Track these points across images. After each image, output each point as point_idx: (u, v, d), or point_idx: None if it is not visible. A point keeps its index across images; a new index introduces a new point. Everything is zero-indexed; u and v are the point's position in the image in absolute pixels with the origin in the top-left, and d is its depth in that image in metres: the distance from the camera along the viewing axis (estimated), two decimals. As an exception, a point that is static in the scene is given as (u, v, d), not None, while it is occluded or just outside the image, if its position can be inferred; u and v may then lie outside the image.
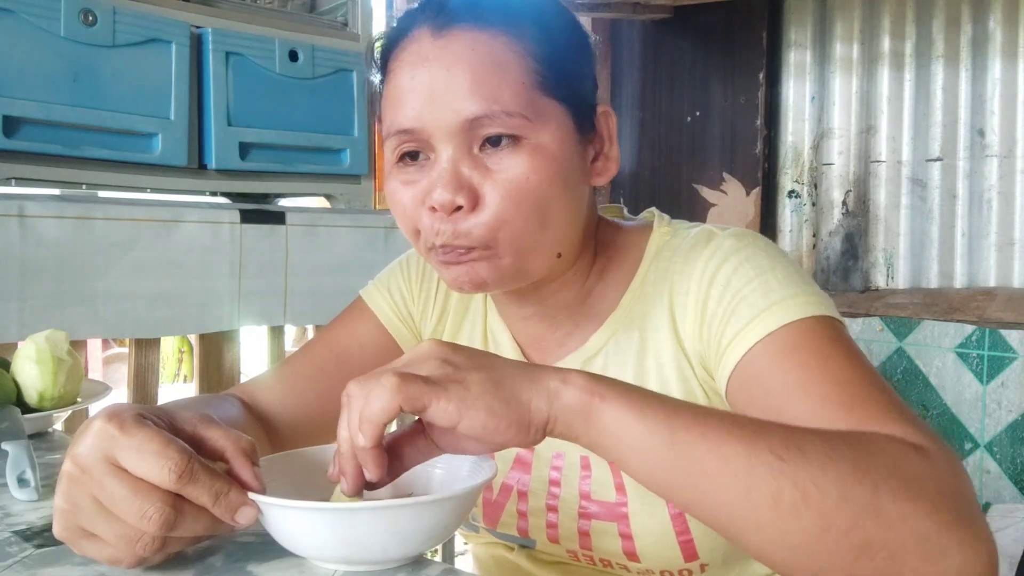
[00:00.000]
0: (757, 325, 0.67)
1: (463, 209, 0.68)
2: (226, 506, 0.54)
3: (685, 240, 0.77)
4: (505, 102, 0.67)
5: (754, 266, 0.71)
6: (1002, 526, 1.83)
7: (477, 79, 0.66)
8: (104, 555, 0.54)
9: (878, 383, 0.63)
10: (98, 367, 4.48)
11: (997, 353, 1.98)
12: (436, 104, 0.67)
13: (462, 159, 0.68)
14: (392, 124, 0.71)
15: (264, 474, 0.58)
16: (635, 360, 0.77)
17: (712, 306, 0.71)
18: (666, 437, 0.52)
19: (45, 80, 1.35)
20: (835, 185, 2.32)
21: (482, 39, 0.68)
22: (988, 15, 2.10)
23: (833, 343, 0.65)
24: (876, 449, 0.53)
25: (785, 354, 0.65)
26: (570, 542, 0.79)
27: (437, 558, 2.21)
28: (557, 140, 0.69)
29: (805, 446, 0.52)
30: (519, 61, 0.68)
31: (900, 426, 0.57)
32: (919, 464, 0.53)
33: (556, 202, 0.70)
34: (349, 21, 1.80)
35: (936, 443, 0.56)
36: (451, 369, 0.53)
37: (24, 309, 1.32)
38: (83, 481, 0.53)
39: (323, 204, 1.89)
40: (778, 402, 0.63)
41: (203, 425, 0.58)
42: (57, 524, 0.55)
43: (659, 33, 2.50)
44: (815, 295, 0.69)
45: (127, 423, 0.53)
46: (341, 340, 0.91)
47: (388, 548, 0.55)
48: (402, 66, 0.70)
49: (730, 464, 0.51)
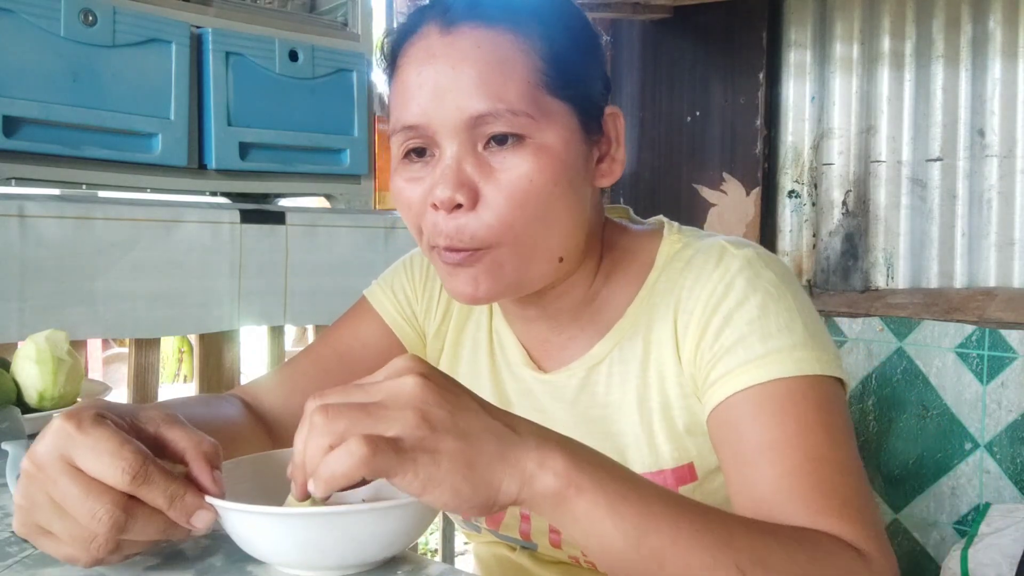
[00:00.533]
0: (749, 371, 0.67)
1: (463, 207, 0.67)
2: (181, 509, 0.53)
3: (697, 253, 0.76)
4: (510, 100, 0.66)
5: (759, 304, 0.69)
6: (1002, 526, 1.83)
7: (482, 77, 0.66)
8: (60, 553, 0.54)
9: (848, 468, 0.64)
10: (98, 367, 4.48)
11: (997, 353, 1.98)
12: (441, 101, 0.67)
13: (465, 157, 0.68)
14: (398, 120, 0.71)
15: (231, 477, 0.58)
16: (639, 370, 0.76)
17: (710, 337, 0.70)
18: (634, 536, 0.52)
19: (45, 80, 1.35)
20: (835, 185, 2.32)
21: (488, 37, 0.67)
22: (988, 15, 2.10)
23: (819, 411, 0.65)
24: (826, 561, 0.56)
25: (768, 410, 0.65)
26: (573, 548, 0.79)
27: (437, 558, 2.21)
28: (562, 140, 0.69)
29: (769, 562, 0.54)
30: (525, 60, 0.68)
31: (852, 526, 0.59)
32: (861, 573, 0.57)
33: (559, 203, 0.69)
34: (349, 21, 1.80)
35: (880, 550, 0.59)
36: (427, 432, 0.50)
37: (24, 309, 1.32)
38: (39, 479, 0.53)
39: (323, 204, 1.89)
40: (749, 457, 0.64)
41: (166, 426, 0.58)
42: (16, 520, 0.55)
43: (659, 33, 2.50)
44: (815, 348, 0.67)
45: (85, 422, 0.53)
46: (345, 340, 0.91)
47: (345, 555, 0.55)
48: (410, 63, 0.70)
49: (692, 571, 0.53)
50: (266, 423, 0.86)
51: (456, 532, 2.04)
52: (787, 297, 0.70)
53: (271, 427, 0.86)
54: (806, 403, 0.65)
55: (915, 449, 2.10)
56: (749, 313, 0.69)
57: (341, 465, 0.48)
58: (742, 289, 0.70)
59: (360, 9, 1.80)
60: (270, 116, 1.62)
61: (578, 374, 0.79)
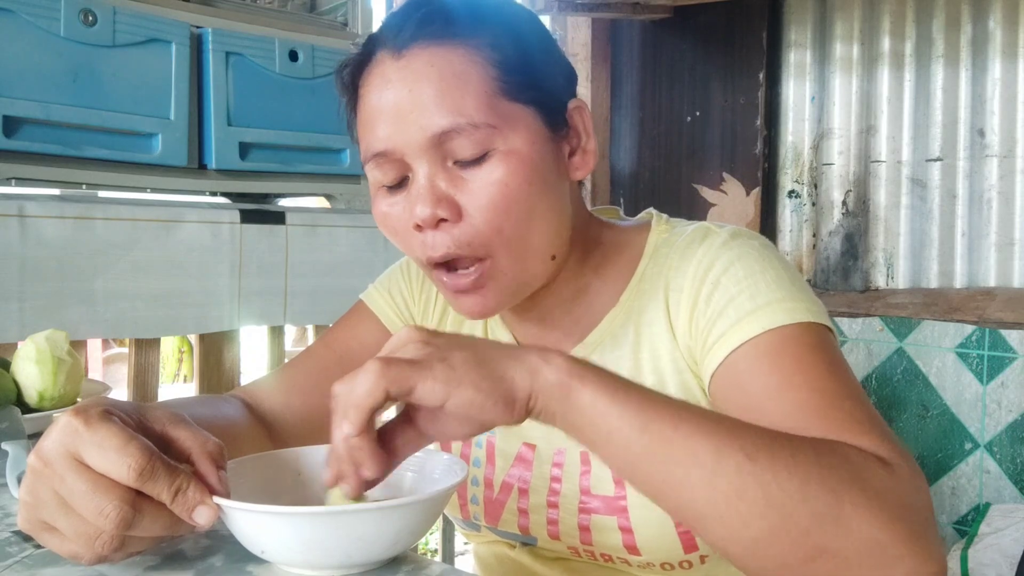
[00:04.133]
0: (742, 328, 0.68)
1: (448, 221, 0.69)
2: (184, 504, 0.54)
3: (682, 237, 0.78)
4: (469, 113, 0.68)
5: (745, 267, 0.71)
6: (1002, 526, 1.83)
7: (440, 94, 0.68)
8: (64, 550, 0.54)
9: (855, 394, 0.64)
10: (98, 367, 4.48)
11: (997, 353, 1.98)
12: (403, 123, 0.69)
13: (437, 173, 0.69)
14: (368, 148, 0.72)
15: (234, 477, 0.58)
16: (631, 353, 0.78)
17: (701, 304, 0.72)
18: (638, 423, 0.53)
19: (45, 80, 1.35)
20: (835, 185, 2.32)
21: (440, 54, 0.69)
22: (988, 15, 2.10)
23: (815, 350, 0.66)
24: (843, 458, 0.55)
25: (766, 358, 0.66)
26: (571, 538, 0.80)
27: (437, 558, 2.21)
28: (528, 143, 0.70)
29: (775, 448, 0.53)
30: (479, 71, 0.69)
31: (870, 438, 0.58)
32: (883, 476, 0.55)
33: (539, 203, 0.71)
34: (349, 21, 1.80)
35: (903, 458, 0.57)
36: (433, 349, 0.53)
37: (24, 309, 1.32)
38: (45, 475, 0.53)
39: (323, 204, 1.89)
40: (755, 404, 0.65)
41: (172, 424, 0.58)
42: (21, 516, 0.55)
43: (659, 33, 2.50)
44: (803, 300, 0.69)
45: (92, 419, 0.53)
46: (343, 341, 0.92)
47: (351, 553, 0.55)
48: (369, 91, 0.72)
49: (699, 455, 0.53)
50: (266, 424, 0.86)
51: (456, 532, 2.04)
52: (772, 259, 0.73)
53: (271, 428, 0.86)
54: (802, 345, 0.66)
55: (915, 449, 2.10)
56: (735, 275, 0.71)
57: (362, 385, 0.51)
58: (727, 258, 0.72)
59: (360, 9, 1.80)
60: (270, 116, 1.62)
61: None
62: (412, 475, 0.65)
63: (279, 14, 1.69)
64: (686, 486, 0.53)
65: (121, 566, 0.58)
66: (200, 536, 0.63)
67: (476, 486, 0.86)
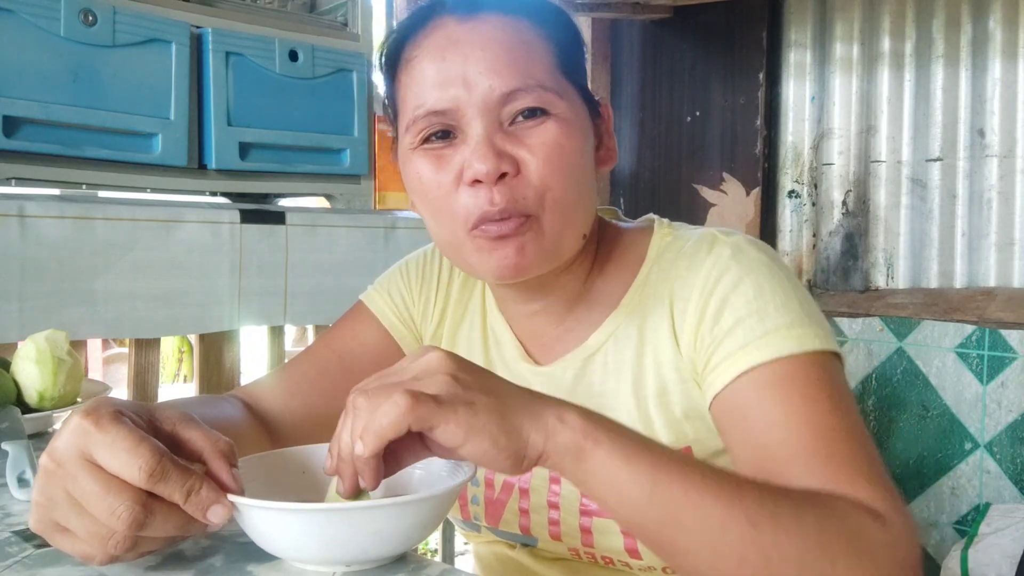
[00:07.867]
0: (749, 353, 0.68)
1: (508, 175, 0.70)
2: (197, 503, 0.54)
3: (688, 243, 0.78)
4: (539, 77, 0.71)
5: (754, 284, 0.71)
6: (1002, 526, 1.83)
7: (511, 56, 0.71)
8: (76, 550, 0.54)
9: (857, 436, 0.65)
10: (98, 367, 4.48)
11: (997, 353, 1.98)
12: (471, 82, 0.70)
13: (495, 133, 0.71)
14: (420, 107, 0.72)
15: (243, 475, 0.58)
16: (634, 358, 0.77)
17: (709, 320, 0.72)
18: (649, 489, 0.55)
19: (45, 80, 1.35)
20: (835, 185, 2.32)
21: (509, 22, 0.72)
22: (988, 15, 2.10)
23: (821, 386, 0.66)
24: (840, 520, 0.57)
25: (772, 390, 0.66)
26: (572, 540, 0.80)
27: (437, 558, 2.21)
28: (578, 116, 0.74)
29: (778, 514, 0.55)
30: (544, 44, 0.73)
31: (867, 490, 0.60)
32: (877, 534, 0.57)
33: (585, 175, 0.74)
34: (349, 21, 1.79)
35: (896, 511, 0.59)
36: (460, 389, 0.54)
37: (24, 309, 1.32)
38: (58, 476, 0.53)
39: (323, 204, 1.89)
40: (757, 439, 0.66)
41: (183, 425, 0.58)
42: (33, 517, 0.55)
43: (659, 33, 2.50)
44: (811, 325, 0.69)
45: (103, 419, 0.54)
46: (343, 342, 0.92)
47: (366, 549, 0.55)
48: (428, 51, 0.73)
49: (705, 522, 0.55)
50: (266, 424, 0.86)
51: (456, 533, 2.04)
52: (780, 277, 0.72)
53: (271, 428, 0.86)
54: (809, 378, 0.66)
55: (915, 449, 2.10)
56: (745, 295, 0.71)
57: (387, 416, 0.52)
58: (736, 273, 0.72)
59: (360, 9, 1.80)
60: (270, 116, 1.62)
61: (574, 365, 0.80)
62: (420, 472, 0.65)
63: (279, 14, 1.69)
64: (691, 551, 0.56)
65: (121, 566, 0.58)
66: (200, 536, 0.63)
67: (477, 486, 0.86)
